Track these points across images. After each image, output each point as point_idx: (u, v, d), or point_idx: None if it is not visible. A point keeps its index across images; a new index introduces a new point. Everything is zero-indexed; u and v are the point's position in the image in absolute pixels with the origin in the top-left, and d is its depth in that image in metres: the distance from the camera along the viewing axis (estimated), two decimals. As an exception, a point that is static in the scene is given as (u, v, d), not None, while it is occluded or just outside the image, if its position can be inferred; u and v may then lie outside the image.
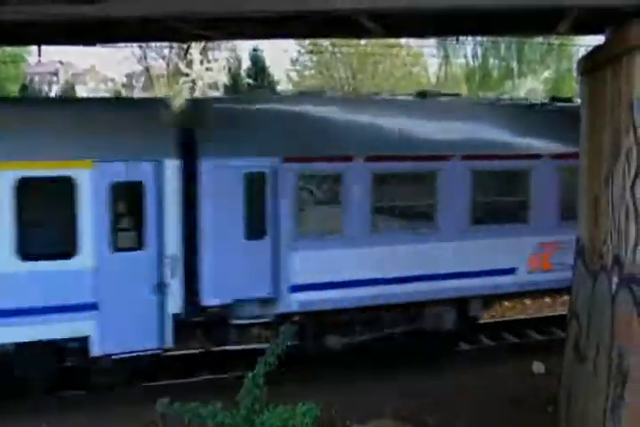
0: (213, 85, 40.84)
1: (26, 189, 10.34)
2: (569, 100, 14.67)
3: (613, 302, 7.45)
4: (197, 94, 38.55)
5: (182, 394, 8.65)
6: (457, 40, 34.15)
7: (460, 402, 10.88)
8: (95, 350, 10.70)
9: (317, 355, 12.55)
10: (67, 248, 10.52)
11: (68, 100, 19.51)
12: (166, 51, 45.38)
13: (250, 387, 7.72)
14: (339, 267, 11.93)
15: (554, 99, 14.79)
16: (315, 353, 12.56)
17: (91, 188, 10.53)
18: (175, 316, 11.06)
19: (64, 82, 56.03)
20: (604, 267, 7.84)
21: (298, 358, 11.82)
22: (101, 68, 60.39)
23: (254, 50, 43.94)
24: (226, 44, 42.78)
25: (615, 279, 7.42)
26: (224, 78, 42.25)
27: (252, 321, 11.79)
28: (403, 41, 36.89)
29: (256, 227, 11.48)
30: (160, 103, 12.23)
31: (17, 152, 10.33)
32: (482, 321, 14.42)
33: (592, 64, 8.93)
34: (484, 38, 33.88)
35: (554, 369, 10.64)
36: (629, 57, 7.12)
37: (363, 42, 36.31)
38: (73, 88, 51.39)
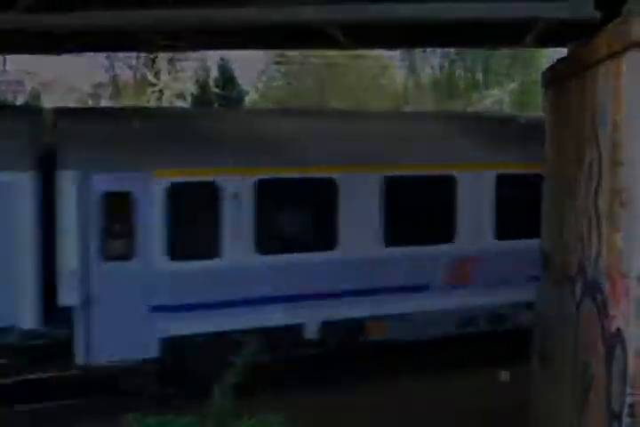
0: (181, 95, 40.78)
1: None
2: None
3: (578, 310, 7.55)
4: (165, 104, 38.46)
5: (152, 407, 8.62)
6: (424, 51, 34.45)
7: (433, 414, 10.96)
8: None
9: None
10: None
11: None
12: (134, 61, 45.22)
13: (219, 399, 7.68)
14: None
15: None
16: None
17: None
18: None
19: (30, 91, 55.50)
20: (569, 276, 7.94)
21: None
22: (68, 77, 59.96)
23: (222, 59, 43.91)
24: (194, 55, 42.73)
25: (579, 288, 7.52)
26: (192, 88, 42.18)
27: None
28: (374, 52, 37.08)
29: None
30: None
31: None
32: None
33: (556, 76, 9.06)
34: (451, 49, 34.16)
35: (520, 378, 10.72)
36: (593, 70, 7.23)
37: (331, 53, 36.46)
38: (39, 97, 50.89)
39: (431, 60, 39.93)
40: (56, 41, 10.86)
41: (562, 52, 10.33)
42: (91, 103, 47.73)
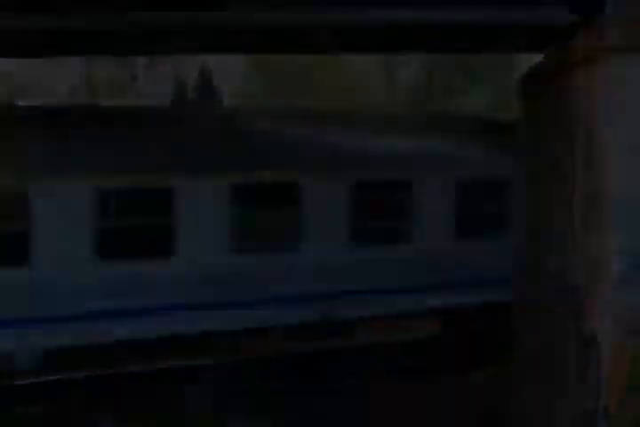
0: (158, 98, 40.66)
1: None
2: None
3: (553, 312, 7.59)
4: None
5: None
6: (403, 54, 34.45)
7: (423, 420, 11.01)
8: None
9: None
10: None
11: None
12: (111, 64, 45.02)
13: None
14: None
15: None
16: None
17: None
18: None
19: (5, 93, 55.08)
20: (545, 278, 7.98)
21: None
22: (44, 80, 59.50)
23: (201, 63, 43.78)
24: (172, 58, 42.59)
25: (555, 290, 7.56)
26: (169, 91, 42.06)
27: None
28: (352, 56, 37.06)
29: None
30: None
31: None
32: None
33: (532, 80, 9.12)
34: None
35: (497, 379, 10.77)
36: (568, 74, 7.29)
37: (310, 57, 36.41)
38: (14, 100, 50.50)
39: (410, 64, 39.98)
40: (35, 44, 10.77)
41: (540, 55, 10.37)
42: (68, 106, 47.25)
